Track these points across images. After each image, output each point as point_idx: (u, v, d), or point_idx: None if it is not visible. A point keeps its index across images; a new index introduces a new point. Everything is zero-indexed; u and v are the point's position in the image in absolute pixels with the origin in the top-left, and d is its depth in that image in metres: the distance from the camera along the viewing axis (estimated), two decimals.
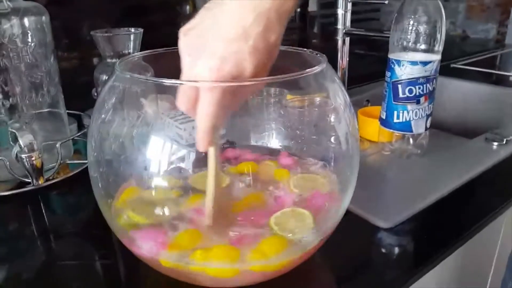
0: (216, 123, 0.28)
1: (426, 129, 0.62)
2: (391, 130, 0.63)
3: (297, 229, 0.36)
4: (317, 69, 0.34)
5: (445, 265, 0.45)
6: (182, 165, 0.37)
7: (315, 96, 0.45)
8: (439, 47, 0.58)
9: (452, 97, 1.03)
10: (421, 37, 0.57)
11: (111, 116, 0.37)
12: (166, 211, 0.38)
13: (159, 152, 0.36)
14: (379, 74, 0.68)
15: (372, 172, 0.62)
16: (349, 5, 0.82)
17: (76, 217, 0.50)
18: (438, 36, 0.58)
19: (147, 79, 0.32)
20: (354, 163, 0.40)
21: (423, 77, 0.58)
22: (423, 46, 0.58)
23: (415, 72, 0.58)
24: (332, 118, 0.41)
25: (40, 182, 0.50)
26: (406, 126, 0.61)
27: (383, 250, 0.44)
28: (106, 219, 0.38)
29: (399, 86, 0.59)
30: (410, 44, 0.58)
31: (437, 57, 0.58)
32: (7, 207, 0.51)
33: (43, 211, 0.51)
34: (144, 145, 0.36)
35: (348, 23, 0.83)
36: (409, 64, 0.58)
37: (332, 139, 0.41)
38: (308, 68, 0.33)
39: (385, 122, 0.63)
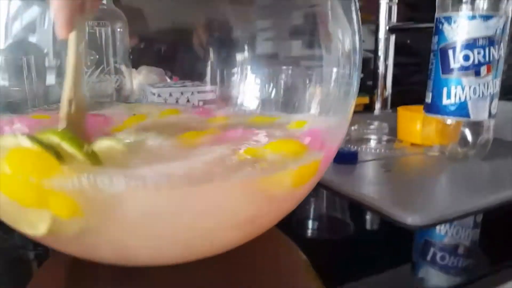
0: None
1: (490, 115, 0.44)
2: (439, 116, 0.46)
3: None
4: None
5: None
6: None
7: None
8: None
9: None
10: None
11: None
12: None
13: None
14: None
15: (407, 173, 0.45)
16: None
17: None
18: None
19: None
20: None
21: (484, 38, 0.42)
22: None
23: (472, 29, 0.42)
24: None
25: None
26: (460, 109, 0.44)
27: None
28: None
29: (450, 51, 0.44)
30: None
31: (504, 11, 0.42)
32: None
33: None
34: None
35: (394, 18, 0.70)
36: (464, 19, 0.42)
37: None
38: None
39: (431, 107, 0.47)
